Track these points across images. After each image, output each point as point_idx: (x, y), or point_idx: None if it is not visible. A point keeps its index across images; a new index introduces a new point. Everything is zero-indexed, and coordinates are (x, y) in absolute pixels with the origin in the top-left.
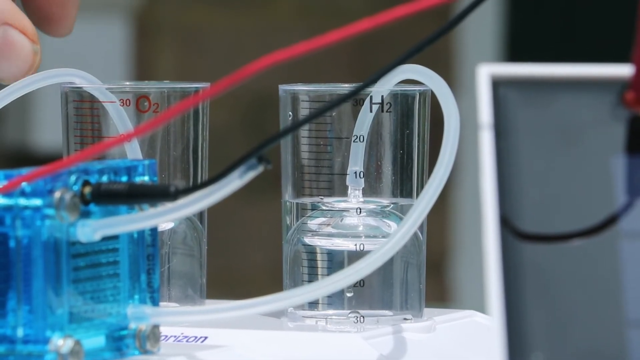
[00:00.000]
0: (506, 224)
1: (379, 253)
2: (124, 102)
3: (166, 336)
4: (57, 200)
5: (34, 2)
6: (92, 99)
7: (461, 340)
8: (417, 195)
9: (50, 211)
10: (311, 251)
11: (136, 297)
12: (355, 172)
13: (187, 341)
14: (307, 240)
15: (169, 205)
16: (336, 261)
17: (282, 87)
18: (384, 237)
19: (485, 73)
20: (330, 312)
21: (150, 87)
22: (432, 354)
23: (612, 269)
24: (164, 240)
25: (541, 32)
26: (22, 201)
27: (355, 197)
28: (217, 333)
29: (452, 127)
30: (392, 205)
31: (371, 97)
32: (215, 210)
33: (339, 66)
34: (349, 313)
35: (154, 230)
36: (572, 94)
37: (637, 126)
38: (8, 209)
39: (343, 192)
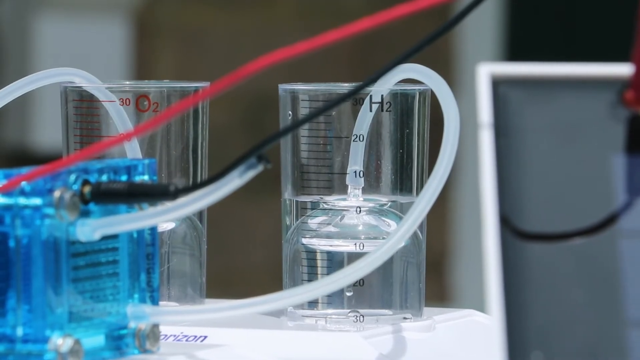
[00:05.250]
0: (506, 223)
1: (379, 252)
2: (124, 101)
3: (166, 335)
4: (56, 200)
5: None
6: (92, 99)
7: (461, 339)
8: (417, 194)
9: (49, 210)
10: (311, 251)
11: (136, 296)
12: (355, 172)
13: (186, 340)
14: (307, 241)
15: (168, 204)
16: (336, 261)
17: (282, 87)
18: (384, 238)
19: (485, 72)
20: (330, 311)
21: (150, 86)
22: (432, 353)
23: (611, 268)
24: (164, 240)
25: (541, 32)
26: (22, 200)
27: (355, 196)
28: (217, 332)
29: (452, 126)
30: (390, 203)
31: (371, 96)
32: (215, 210)
33: (339, 66)
34: (349, 312)
35: (153, 230)
36: (572, 93)
37: (637, 125)
38: (8, 208)
39: (343, 191)
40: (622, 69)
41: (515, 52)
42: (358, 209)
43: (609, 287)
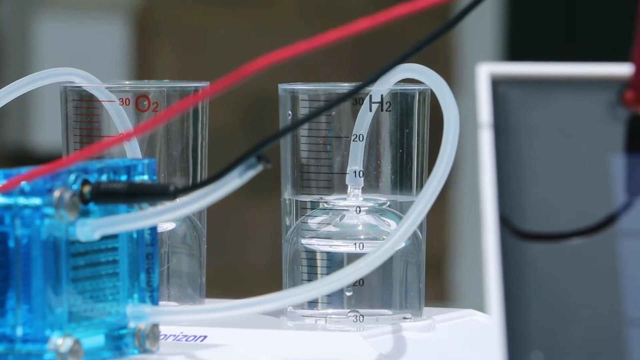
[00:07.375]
0: (505, 223)
1: (379, 252)
2: (124, 101)
3: (165, 335)
4: (56, 200)
5: None
6: (92, 98)
7: (461, 339)
8: (417, 193)
9: (49, 210)
10: (310, 251)
11: (135, 296)
12: (355, 171)
13: (186, 340)
14: (307, 241)
15: (168, 204)
16: (335, 261)
17: (282, 87)
18: (383, 237)
19: (485, 72)
20: (330, 311)
21: (150, 86)
22: (432, 353)
23: (611, 268)
24: (164, 240)
25: (541, 31)
26: (22, 200)
27: (354, 196)
28: (217, 332)
29: (452, 126)
30: (390, 202)
31: (371, 96)
32: (214, 210)
33: (339, 65)
34: (349, 312)
35: (153, 229)
36: (571, 93)
37: (637, 125)
38: (7, 208)
39: (343, 190)
40: (622, 69)
41: (514, 51)
42: (358, 209)
43: (608, 287)
